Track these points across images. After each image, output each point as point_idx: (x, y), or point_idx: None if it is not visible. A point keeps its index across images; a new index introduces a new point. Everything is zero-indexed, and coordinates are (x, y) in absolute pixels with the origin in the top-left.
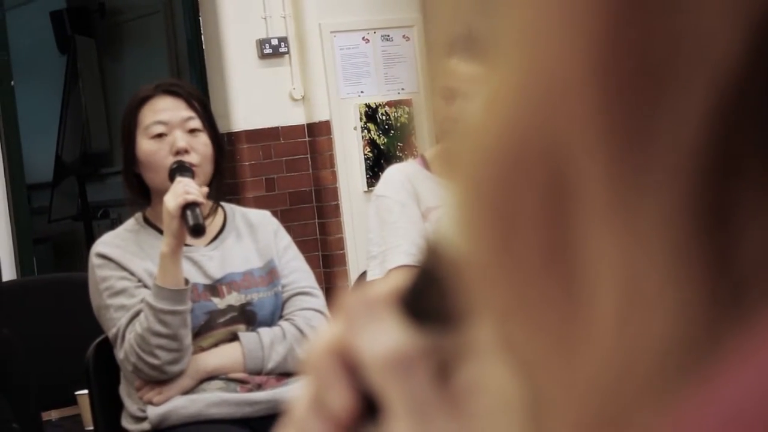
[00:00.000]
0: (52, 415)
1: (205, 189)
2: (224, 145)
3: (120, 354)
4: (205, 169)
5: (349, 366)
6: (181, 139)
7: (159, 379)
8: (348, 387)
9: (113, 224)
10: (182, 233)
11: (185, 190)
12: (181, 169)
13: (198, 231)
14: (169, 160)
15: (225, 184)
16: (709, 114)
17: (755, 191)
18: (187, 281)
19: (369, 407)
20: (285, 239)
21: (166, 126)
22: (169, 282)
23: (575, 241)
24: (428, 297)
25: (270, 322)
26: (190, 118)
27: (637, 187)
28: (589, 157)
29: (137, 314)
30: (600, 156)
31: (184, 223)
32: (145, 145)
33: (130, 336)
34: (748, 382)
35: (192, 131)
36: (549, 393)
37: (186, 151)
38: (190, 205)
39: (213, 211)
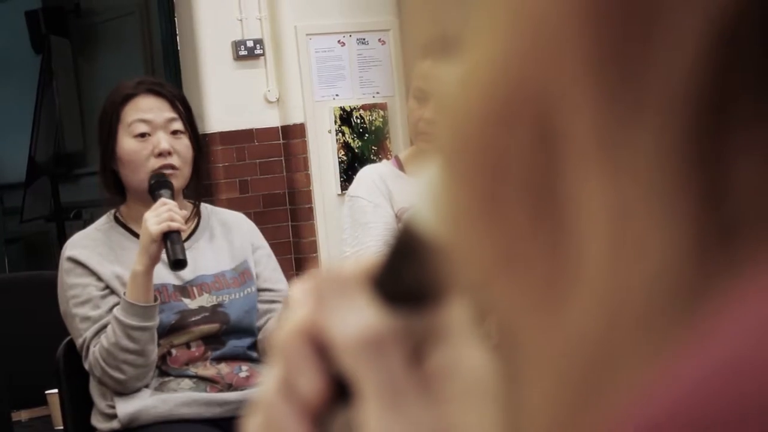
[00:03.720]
0: (22, 415)
1: (185, 212)
2: (204, 147)
3: (85, 365)
4: (185, 172)
5: (318, 348)
6: (164, 140)
7: (122, 393)
8: (318, 370)
9: (86, 225)
10: (158, 256)
11: (170, 216)
12: (160, 184)
13: (179, 265)
14: (151, 162)
15: (202, 186)
16: (702, 51)
17: (747, 129)
18: (156, 297)
19: (339, 391)
20: (263, 244)
21: (149, 125)
22: (139, 298)
23: (564, 186)
24: (401, 277)
25: (244, 322)
26: (173, 120)
27: (627, 127)
28: (578, 100)
29: (103, 328)
30: (589, 97)
31: (165, 252)
32: (127, 144)
33: (94, 349)
34: (741, 325)
35: (174, 133)
36: (536, 347)
37: (169, 153)
38: (171, 233)
39: (193, 215)
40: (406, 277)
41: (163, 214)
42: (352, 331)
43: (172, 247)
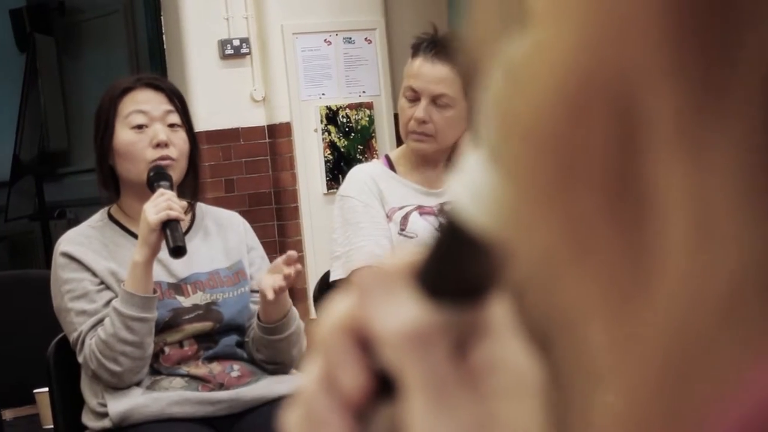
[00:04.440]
0: (7, 415)
1: (185, 203)
2: (199, 144)
3: (80, 358)
4: (182, 165)
5: (361, 343)
6: (161, 131)
7: (117, 387)
8: (360, 365)
9: (70, 224)
10: (158, 246)
11: (168, 205)
12: (159, 176)
13: (179, 252)
14: (149, 153)
15: (199, 183)
16: None
17: None
18: (155, 290)
19: (381, 386)
20: (257, 245)
21: (146, 117)
22: (139, 289)
23: (644, 173)
24: (445, 271)
25: (237, 321)
26: (170, 112)
27: (712, 113)
28: (660, 90)
29: (99, 321)
30: (671, 88)
31: (165, 241)
32: (124, 135)
33: (90, 342)
34: None
35: (171, 126)
36: (611, 339)
37: (166, 145)
38: (170, 222)
39: (188, 211)
40: (451, 271)
41: (161, 204)
42: (397, 326)
43: (171, 234)
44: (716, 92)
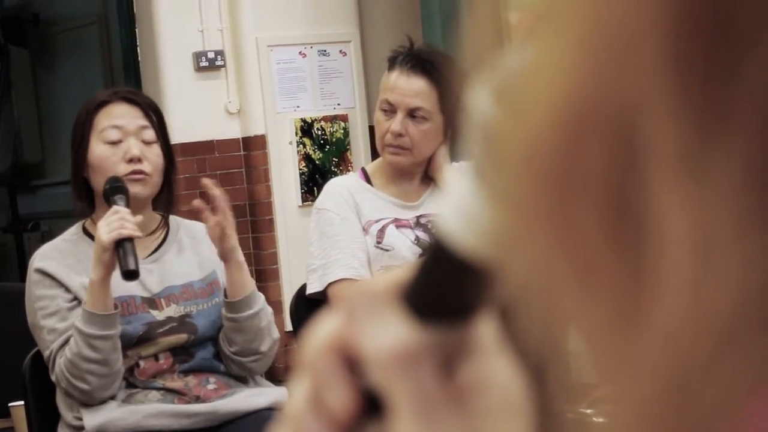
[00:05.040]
0: None
1: (140, 217)
2: (175, 157)
3: (52, 377)
4: (155, 180)
5: (348, 362)
6: (135, 146)
7: (89, 403)
8: (348, 384)
9: (44, 237)
10: (112, 265)
11: (121, 224)
12: (114, 190)
13: (131, 277)
14: (122, 167)
15: (173, 197)
16: None
17: None
18: (116, 305)
19: (368, 405)
20: None
21: (121, 132)
22: (98, 307)
23: (646, 198)
24: (432, 291)
25: (212, 332)
26: (145, 128)
27: (713, 140)
28: (661, 114)
29: (69, 340)
30: (673, 112)
31: (117, 261)
32: (98, 149)
33: (60, 361)
34: None
35: (146, 140)
36: (615, 361)
37: (139, 160)
38: (123, 241)
39: (162, 225)
40: (438, 291)
41: (113, 223)
42: (385, 346)
43: (123, 257)
44: (718, 117)
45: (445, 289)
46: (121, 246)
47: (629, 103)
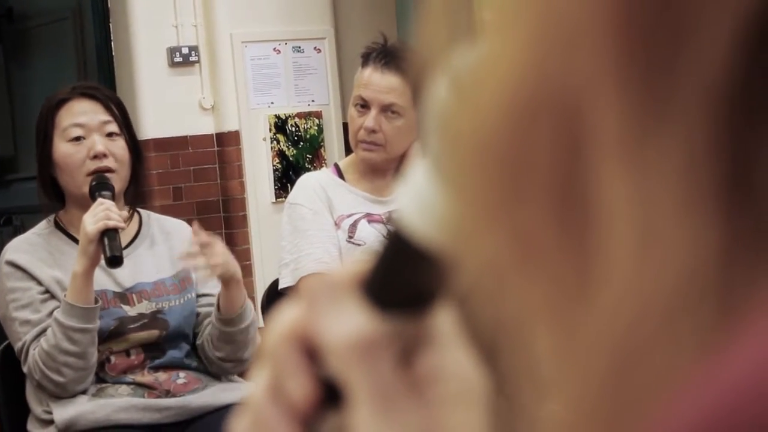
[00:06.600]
0: None
1: (125, 213)
2: (142, 150)
3: (24, 368)
4: (122, 174)
5: (308, 352)
6: (99, 143)
7: (61, 396)
8: (307, 374)
9: (16, 231)
10: (97, 257)
11: (106, 215)
12: (100, 186)
13: (115, 262)
14: (87, 164)
15: (141, 191)
16: (734, 50)
17: None
18: (97, 300)
19: (328, 394)
20: None
21: (83, 129)
22: (80, 300)
23: (589, 184)
24: (390, 281)
25: (184, 329)
26: (107, 122)
27: (656, 125)
28: (605, 96)
29: (43, 331)
30: (617, 94)
31: (102, 250)
32: (62, 148)
33: (34, 352)
34: None
35: (110, 135)
36: (556, 348)
37: (104, 156)
38: (109, 231)
39: (129, 218)
40: (396, 281)
41: (99, 214)
42: (343, 335)
43: (109, 244)
44: (660, 103)
45: (402, 278)
46: (106, 235)
47: (574, 91)
